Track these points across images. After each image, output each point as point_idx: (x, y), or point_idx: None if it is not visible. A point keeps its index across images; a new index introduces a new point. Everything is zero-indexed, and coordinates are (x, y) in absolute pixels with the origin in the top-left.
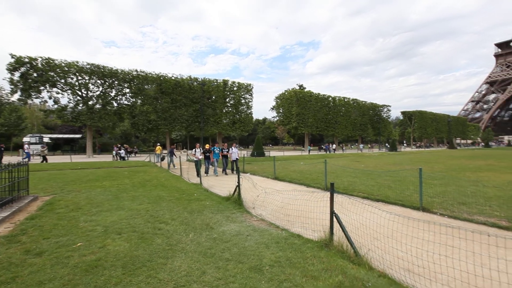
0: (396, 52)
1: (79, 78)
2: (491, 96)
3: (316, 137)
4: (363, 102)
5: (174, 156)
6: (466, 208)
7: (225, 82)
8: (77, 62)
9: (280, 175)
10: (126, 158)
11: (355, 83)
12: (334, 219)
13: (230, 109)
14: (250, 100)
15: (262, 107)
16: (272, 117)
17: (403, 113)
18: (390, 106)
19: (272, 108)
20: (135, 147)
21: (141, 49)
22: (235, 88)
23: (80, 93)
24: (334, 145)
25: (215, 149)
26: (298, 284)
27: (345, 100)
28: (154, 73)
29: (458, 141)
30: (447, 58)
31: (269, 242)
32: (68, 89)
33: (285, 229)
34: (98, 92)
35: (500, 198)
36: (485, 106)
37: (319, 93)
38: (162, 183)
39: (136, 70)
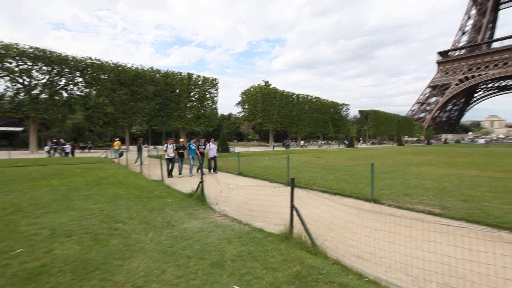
0: (355, 53)
1: (20, 63)
2: (433, 99)
3: (281, 133)
4: (325, 100)
5: (142, 151)
6: (409, 199)
7: (189, 75)
8: (17, 44)
9: (245, 171)
10: (70, 155)
11: (318, 81)
12: (294, 212)
13: (194, 103)
14: (216, 95)
15: (228, 102)
16: (238, 113)
17: (360, 111)
18: (349, 105)
19: (238, 104)
20: (89, 142)
21: (96, 35)
22: (200, 82)
23: (21, 81)
24: (302, 141)
25: (191, 145)
26: (259, 276)
27: (308, 98)
28: (111, 62)
29: (405, 138)
30: (399, 63)
31: (231, 237)
32: (5, 75)
33: (248, 224)
34: (44, 80)
35: (436, 189)
36: (428, 108)
37: (283, 90)
38: (120, 181)
39: (91, 58)
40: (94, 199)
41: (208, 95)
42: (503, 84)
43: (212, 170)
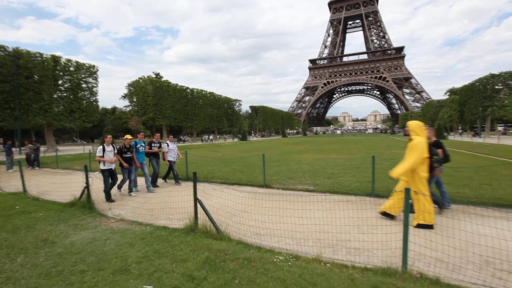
0: (246, 53)
1: None
2: (307, 98)
3: (175, 128)
4: (219, 96)
5: (11, 155)
6: (292, 181)
7: (55, 58)
8: None
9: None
10: None
11: (212, 76)
12: (198, 205)
13: (65, 94)
14: (95, 85)
15: (111, 94)
16: (124, 107)
17: (251, 107)
18: (241, 100)
19: (124, 96)
20: None
21: None
22: (72, 68)
23: None
24: (211, 136)
25: (138, 146)
26: (169, 271)
27: (203, 92)
28: None
29: (288, 131)
30: (282, 65)
31: (133, 240)
32: None
33: (150, 224)
34: None
35: (310, 171)
36: (303, 105)
37: (177, 84)
38: None
39: None
40: None
41: (84, 85)
42: (350, 89)
43: (166, 179)
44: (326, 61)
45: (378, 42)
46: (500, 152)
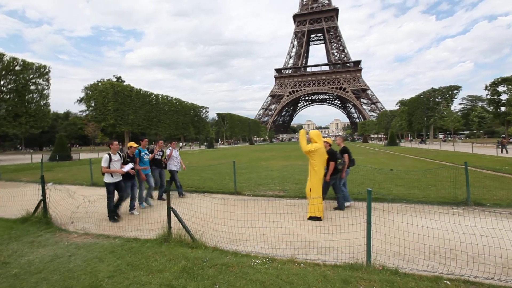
0: (213, 60)
1: None
2: (273, 106)
3: (138, 135)
4: (185, 102)
5: None
6: (262, 188)
7: None
8: None
9: (100, 181)
10: None
11: (178, 82)
12: (172, 213)
13: (7, 96)
14: (46, 87)
15: (64, 97)
16: (80, 112)
17: (218, 114)
18: (208, 107)
19: (80, 101)
20: None
21: None
22: (17, 68)
23: None
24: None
25: (142, 154)
26: (146, 282)
27: (168, 98)
28: None
29: (255, 138)
30: (249, 73)
31: (101, 254)
32: None
33: (119, 236)
34: None
35: (279, 177)
36: (270, 113)
37: (141, 89)
38: None
39: None
40: None
41: (33, 87)
42: (314, 98)
43: (162, 196)
44: (291, 70)
45: (338, 55)
46: (441, 157)
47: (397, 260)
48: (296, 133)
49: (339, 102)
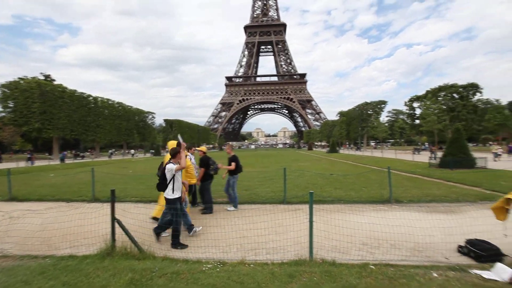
0: (162, 64)
1: None
2: (223, 113)
3: (71, 142)
4: (129, 107)
5: None
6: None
7: None
8: None
9: (21, 194)
10: None
11: (122, 85)
12: (116, 225)
13: None
14: None
15: None
16: None
17: (165, 120)
18: (154, 113)
19: None
20: None
21: None
22: None
23: None
24: (133, 150)
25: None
26: None
27: (110, 102)
28: None
29: (205, 145)
30: (200, 79)
31: (28, 277)
32: None
33: (50, 255)
34: None
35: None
36: (220, 120)
37: (75, 90)
38: None
39: None
40: None
41: None
42: (263, 106)
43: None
44: (241, 79)
45: (286, 67)
46: (372, 162)
47: (334, 253)
48: (246, 141)
49: (286, 111)
